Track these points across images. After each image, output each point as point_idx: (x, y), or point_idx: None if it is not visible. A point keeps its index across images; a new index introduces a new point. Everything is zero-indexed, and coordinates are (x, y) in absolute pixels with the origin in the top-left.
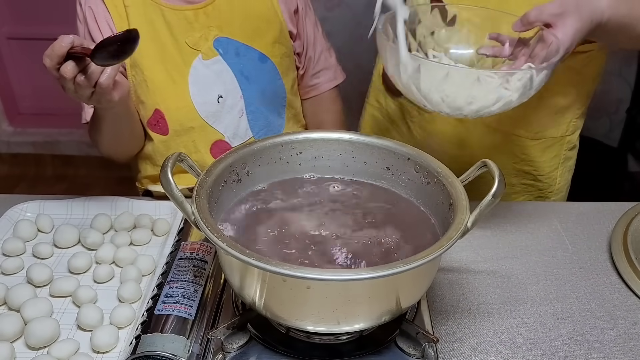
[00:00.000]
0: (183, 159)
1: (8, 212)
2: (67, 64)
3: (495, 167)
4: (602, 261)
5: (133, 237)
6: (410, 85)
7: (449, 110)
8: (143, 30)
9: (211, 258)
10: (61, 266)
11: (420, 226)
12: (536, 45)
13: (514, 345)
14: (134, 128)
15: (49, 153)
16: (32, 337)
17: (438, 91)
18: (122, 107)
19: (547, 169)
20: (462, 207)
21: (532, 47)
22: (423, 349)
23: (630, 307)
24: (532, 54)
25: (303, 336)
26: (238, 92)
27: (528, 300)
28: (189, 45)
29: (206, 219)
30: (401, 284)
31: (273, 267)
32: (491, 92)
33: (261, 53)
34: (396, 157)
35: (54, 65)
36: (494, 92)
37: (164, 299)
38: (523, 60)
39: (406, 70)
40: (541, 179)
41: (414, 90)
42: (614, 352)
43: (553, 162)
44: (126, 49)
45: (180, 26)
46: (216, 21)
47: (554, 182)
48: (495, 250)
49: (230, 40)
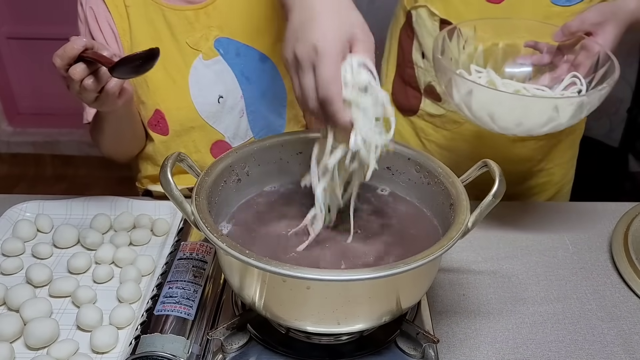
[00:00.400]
0: (183, 159)
1: (7, 212)
2: (77, 66)
3: (496, 167)
4: (603, 261)
5: (132, 237)
6: (461, 105)
7: (499, 130)
8: (143, 30)
9: (211, 258)
10: (60, 266)
11: (421, 226)
12: (579, 53)
13: (515, 345)
14: (136, 129)
15: (48, 153)
16: (31, 338)
17: (488, 114)
18: (125, 110)
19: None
20: (462, 207)
21: (575, 55)
22: (423, 350)
23: (631, 308)
24: (574, 62)
25: (303, 337)
26: (238, 92)
27: (529, 301)
28: (190, 45)
29: (206, 219)
30: (401, 284)
31: (273, 267)
32: (541, 116)
33: (262, 53)
34: (396, 157)
35: (64, 66)
36: (543, 116)
37: (164, 299)
38: (565, 68)
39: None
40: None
41: (465, 111)
42: (614, 352)
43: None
44: (147, 65)
45: (181, 26)
46: (217, 21)
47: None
48: (495, 251)
49: (230, 40)
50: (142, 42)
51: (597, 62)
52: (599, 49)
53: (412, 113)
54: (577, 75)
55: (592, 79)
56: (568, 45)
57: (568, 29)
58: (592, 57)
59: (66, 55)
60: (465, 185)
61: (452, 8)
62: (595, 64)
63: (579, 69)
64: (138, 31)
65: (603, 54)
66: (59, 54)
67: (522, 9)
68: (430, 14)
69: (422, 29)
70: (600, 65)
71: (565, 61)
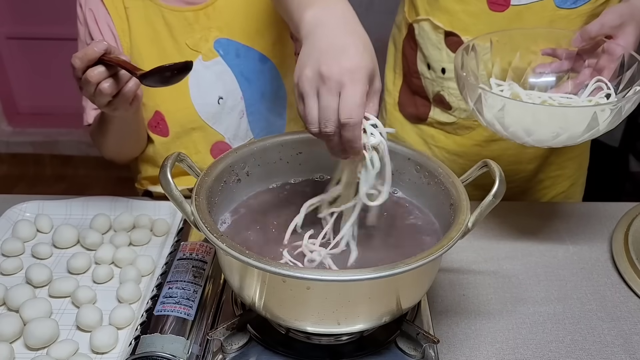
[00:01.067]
0: (182, 159)
1: (7, 212)
2: (96, 69)
3: (496, 167)
4: (603, 261)
5: (132, 238)
6: (493, 122)
7: (534, 143)
8: (143, 31)
9: (210, 258)
10: (60, 266)
11: (421, 226)
12: (601, 57)
13: (515, 345)
14: (140, 133)
15: (48, 153)
16: (31, 338)
17: (522, 128)
18: (133, 114)
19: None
20: (462, 207)
21: (597, 59)
22: (423, 350)
23: (631, 308)
24: (597, 67)
25: (303, 337)
26: (238, 93)
27: (529, 301)
28: (189, 46)
29: (205, 219)
30: (402, 284)
31: (273, 268)
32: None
33: (261, 54)
34: (396, 157)
35: (82, 68)
36: (582, 125)
37: (164, 299)
38: (587, 73)
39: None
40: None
41: (496, 126)
42: (614, 352)
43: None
44: (177, 77)
45: (181, 27)
46: (216, 22)
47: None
48: (495, 251)
49: (230, 41)
50: (142, 43)
51: (622, 65)
52: (622, 51)
53: (420, 121)
54: (602, 79)
55: (619, 82)
56: (588, 49)
57: (588, 34)
58: (615, 60)
59: (86, 57)
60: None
61: (456, 19)
62: (620, 67)
63: (603, 73)
64: (137, 32)
65: (628, 55)
66: (79, 56)
67: (527, 15)
68: (434, 26)
69: (425, 42)
70: (626, 67)
71: (587, 66)
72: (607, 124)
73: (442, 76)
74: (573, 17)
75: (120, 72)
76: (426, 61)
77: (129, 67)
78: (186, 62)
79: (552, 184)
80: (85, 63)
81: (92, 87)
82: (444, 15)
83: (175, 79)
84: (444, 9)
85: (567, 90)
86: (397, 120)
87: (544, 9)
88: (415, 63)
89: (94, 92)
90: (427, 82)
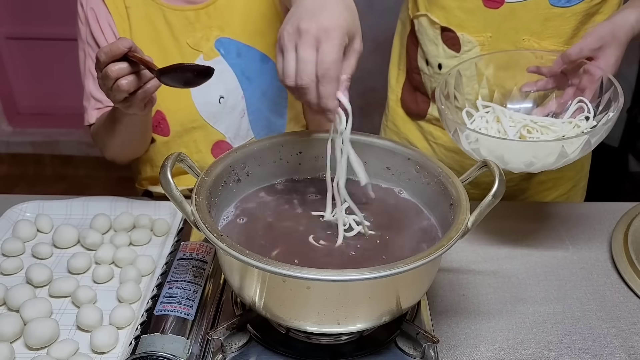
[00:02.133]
0: (183, 159)
1: (7, 212)
2: (117, 64)
3: (496, 167)
4: (603, 261)
5: (132, 238)
6: (471, 152)
7: (513, 170)
8: (144, 31)
9: (211, 258)
10: (60, 266)
11: (420, 226)
12: (582, 78)
13: (515, 345)
14: (147, 134)
15: (48, 153)
16: (31, 338)
17: (497, 158)
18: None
19: None
20: (462, 207)
21: (579, 80)
22: (423, 350)
23: (631, 308)
24: (579, 86)
25: (303, 337)
26: (239, 92)
27: (528, 301)
28: (190, 45)
29: (205, 219)
30: (401, 284)
31: (273, 268)
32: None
33: (262, 53)
34: (396, 157)
35: (107, 62)
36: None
37: (164, 299)
38: (571, 92)
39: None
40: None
41: (475, 155)
42: (614, 352)
43: None
44: (197, 80)
45: (182, 27)
46: (217, 21)
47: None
48: (495, 251)
49: (231, 40)
50: (143, 42)
51: (602, 86)
52: (600, 74)
53: (420, 117)
54: (584, 100)
55: (599, 103)
56: (571, 69)
57: (567, 57)
58: (595, 82)
59: (111, 52)
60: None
61: (452, 15)
62: (600, 88)
63: (585, 93)
64: (138, 32)
65: (606, 78)
66: (105, 51)
67: (521, 12)
68: (431, 22)
69: (424, 37)
70: (604, 89)
71: (571, 85)
72: (579, 152)
73: (439, 72)
74: (567, 16)
75: (142, 70)
76: (425, 57)
77: (151, 66)
78: (208, 67)
79: (553, 186)
80: (110, 58)
81: (110, 81)
82: (440, 12)
83: (195, 82)
84: (440, 5)
85: (551, 109)
86: (400, 116)
87: (538, 7)
88: (416, 59)
89: (111, 87)
90: (425, 78)
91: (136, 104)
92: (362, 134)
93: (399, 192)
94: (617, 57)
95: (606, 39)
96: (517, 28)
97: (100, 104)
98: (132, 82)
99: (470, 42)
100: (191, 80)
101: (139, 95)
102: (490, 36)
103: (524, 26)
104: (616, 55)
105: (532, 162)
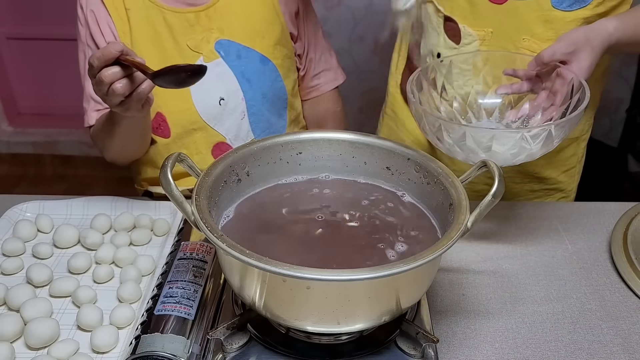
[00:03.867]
0: (183, 159)
1: (8, 212)
2: (110, 69)
3: (496, 167)
4: (602, 261)
5: (133, 237)
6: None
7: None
8: (144, 33)
9: (211, 258)
10: (61, 266)
11: (420, 226)
12: (555, 81)
13: (514, 345)
14: (146, 135)
15: (48, 153)
16: (31, 338)
17: (460, 147)
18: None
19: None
20: (462, 207)
21: (552, 83)
22: (423, 349)
23: (631, 307)
24: (552, 89)
25: (303, 336)
26: (239, 94)
27: (528, 301)
28: (190, 47)
29: (206, 219)
30: (401, 284)
31: (273, 267)
32: (511, 148)
33: (262, 55)
34: (396, 157)
35: (100, 67)
36: (513, 148)
37: (164, 299)
38: (544, 95)
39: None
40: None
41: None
42: (614, 352)
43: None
44: (191, 80)
45: (182, 29)
46: (217, 23)
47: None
48: (495, 251)
49: (231, 42)
50: (143, 44)
51: (572, 89)
52: (572, 77)
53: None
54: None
55: (568, 106)
56: (545, 73)
57: (540, 59)
58: (567, 85)
59: (104, 57)
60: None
61: (457, 5)
62: (570, 91)
63: (557, 96)
64: (138, 34)
65: (577, 81)
66: (97, 56)
67: (524, 11)
68: (436, 9)
69: (427, 24)
70: (574, 92)
71: (544, 88)
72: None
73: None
74: (568, 20)
75: (135, 73)
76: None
77: (143, 68)
78: (200, 65)
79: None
80: (103, 63)
81: (105, 86)
82: (446, 0)
83: (189, 81)
84: None
85: (525, 112)
86: (398, 102)
87: (540, 7)
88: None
89: (106, 92)
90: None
91: (133, 106)
92: (362, 134)
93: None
94: (591, 62)
95: (579, 43)
96: (519, 27)
97: (100, 106)
98: (126, 86)
99: (471, 35)
100: (185, 80)
101: (134, 97)
102: (491, 32)
103: (525, 25)
104: (590, 60)
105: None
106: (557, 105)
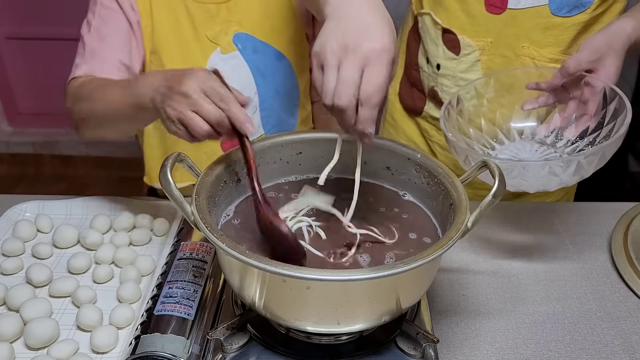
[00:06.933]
0: (183, 159)
1: (7, 212)
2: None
3: (496, 167)
4: (603, 261)
5: (132, 238)
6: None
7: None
8: (165, 19)
9: (211, 258)
10: (60, 266)
11: (421, 226)
12: (584, 90)
13: (515, 345)
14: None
15: (48, 153)
16: (31, 338)
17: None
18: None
19: None
20: (462, 207)
21: (581, 92)
22: (423, 350)
23: (631, 307)
24: (582, 99)
25: (303, 336)
26: (253, 87)
27: (528, 301)
28: (209, 38)
29: (205, 219)
30: (401, 284)
31: (273, 268)
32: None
33: (278, 51)
34: (396, 157)
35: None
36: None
37: (164, 299)
38: (574, 105)
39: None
40: None
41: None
42: (614, 352)
43: None
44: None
45: (202, 19)
46: (237, 16)
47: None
48: (495, 251)
49: (249, 36)
50: (163, 30)
51: (605, 98)
52: (602, 85)
53: (416, 114)
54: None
55: (605, 115)
56: (570, 82)
57: (566, 71)
58: (598, 94)
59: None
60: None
61: (454, 17)
62: (603, 99)
63: (588, 105)
64: (159, 18)
65: (609, 89)
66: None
67: (522, 20)
68: (434, 22)
69: (426, 36)
70: (609, 100)
71: (572, 98)
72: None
73: (437, 72)
74: (567, 26)
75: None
76: (426, 55)
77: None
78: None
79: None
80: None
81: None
82: (443, 12)
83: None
84: (444, 6)
85: (556, 124)
86: (398, 111)
87: (539, 15)
88: (417, 55)
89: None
90: (424, 75)
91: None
92: None
93: (402, 195)
94: (617, 67)
95: (603, 50)
96: (518, 35)
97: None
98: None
99: (470, 45)
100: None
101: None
102: (490, 41)
103: (524, 33)
104: (616, 66)
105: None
106: (590, 114)
